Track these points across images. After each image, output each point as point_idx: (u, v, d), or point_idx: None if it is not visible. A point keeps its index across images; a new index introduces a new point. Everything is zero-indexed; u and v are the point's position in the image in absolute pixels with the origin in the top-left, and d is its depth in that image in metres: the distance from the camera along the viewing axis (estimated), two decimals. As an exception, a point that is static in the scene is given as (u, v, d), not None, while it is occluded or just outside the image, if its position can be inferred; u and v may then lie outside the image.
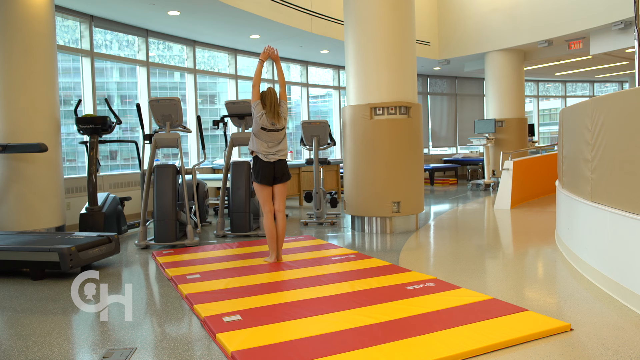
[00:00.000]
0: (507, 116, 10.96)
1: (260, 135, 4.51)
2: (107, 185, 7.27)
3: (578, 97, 16.16)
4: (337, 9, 8.91)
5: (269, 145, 4.52)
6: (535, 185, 8.85)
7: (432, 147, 14.16)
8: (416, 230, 6.22)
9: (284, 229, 4.63)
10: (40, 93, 5.62)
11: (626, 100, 3.32)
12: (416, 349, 2.51)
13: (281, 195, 4.62)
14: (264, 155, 4.50)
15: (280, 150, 4.55)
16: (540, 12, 9.91)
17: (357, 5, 6.13)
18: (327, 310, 3.14)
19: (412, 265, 4.42)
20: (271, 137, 4.52)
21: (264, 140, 4.51)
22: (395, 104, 5.96)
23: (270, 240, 4.58)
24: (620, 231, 3.25)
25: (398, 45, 6.05)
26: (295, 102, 11.76)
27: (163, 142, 5.63)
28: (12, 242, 4.42)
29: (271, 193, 4.61)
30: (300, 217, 7.67)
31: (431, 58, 11.61)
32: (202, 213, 6.95)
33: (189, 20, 7.80)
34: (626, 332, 2.71)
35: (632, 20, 7.39)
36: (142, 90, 8.23)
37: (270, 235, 4.56)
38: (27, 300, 3.63)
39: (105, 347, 2.72)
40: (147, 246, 5.51)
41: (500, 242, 5.65)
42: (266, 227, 4.56)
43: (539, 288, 3.72)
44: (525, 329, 2.70)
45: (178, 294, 3.72)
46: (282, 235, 4.62)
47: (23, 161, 5.50)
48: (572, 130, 4.47)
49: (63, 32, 7.12)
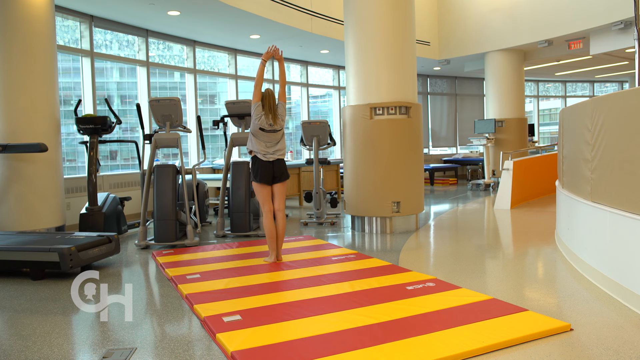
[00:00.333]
0: (507, 116, 10.96)
1: (258, 135, 4.52)
2: (107, 185, 7.27)
3: (578, 97, 16.16)
4: (337, 9, 8.91)
5: (267, 145, 4.54)
6: (535, 185, 8.85)
7: (432, 147, 14.16)
8: (416, 230, 6.22)
9: (284, 228, 4.63)
10: (40, 93, 5.63)
11: (626, 100, 3.31)
12: (416, 349, 2.51)
13: (280, 195, 4.63)
14: (263, 155, 4.52)
15: (278, 149, 4.57)
16: (540, 12, 9.91)
17: (357, 5, 6.13)
18: (327, 310, 3.14)
19: (412, 265, 4.42)
20: (269, 137, 4.53)
21: (262, 140, 4.53)
22: (395, 104, 5.96)
23: (270, 240, 4.58)
24: (620, 231, 3.25)
25: (398, 45, 6.05)
26: (295, 102, 11.76)
27: (163, 142, 5.63)
28: (12, 242, 4.42)
29: (270, 192, 4.62)
30: (300, 217, 7.67)
31: (431, 58, 11.61)
32: (202, 213, 6.95)
33: (189, 20, 7.80)
34: (626, 332, 2.71)
35: (632, 20, 7.39)
36: (142, 90, 8.23)
37: (270, 235, 4.57)
38: (27, 300, 3.63)
39: (105, 347, 2.72)
40: (147, 246, 5.51)
41: (500, 242, 5.65)
42: (266, 226, 4.56)
43: (539, 288, 3.72)
44: (525, 329, 2.70)
45: (178, 294, 3.72)
46: (281, 235, 4.62)
47: (23, 161, 5.50)
48: (572, 130, 4.47)
49: (63, 32, 7.12)
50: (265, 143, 4.53)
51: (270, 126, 4.50)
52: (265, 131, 4.50)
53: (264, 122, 4.48)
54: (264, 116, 4.48)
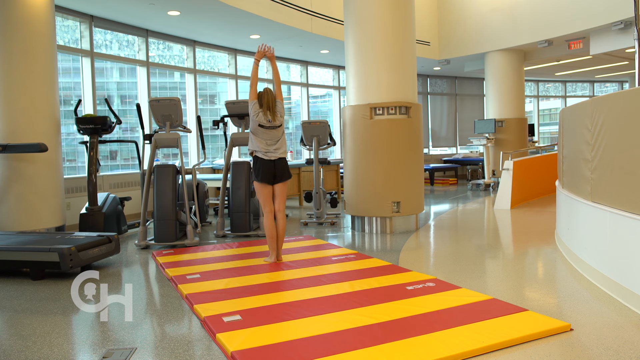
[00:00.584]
0: (507, 116, 10.96)
1: (258, 133, 4.52)
2: (107, 185, 7.27)
3: (578, 97, 16.16)
4: (337, 9, 8.91)
5: (268, 143, 4.53)
6: (535, 185, 8.85)
7: (432, 147, 14.16)
8: (416, 230, 6.22)
9: (284, 228, 4.63)
10: (40, 93, 5.62)
11: (626, 100, 3.31)
12: (416, 349, 2.51)
13: (281, 195, 4.62)
14: (264, 153, 4.51)
15: (279, 148, 4.57)
16: (540, 12, 9.91)
17: (357, 5, 6.13)
18: (327, 310, 3.14)
19: (412, 265, 4.42)
20: (269, 135, 4.53)
21: (262, 138, 4.52)
22: (395, 104, 5.96)
23: (270, 240, 4.58)
24: (620, 231, 3.25)
25: (398, 46, 6.05)
26: (295, 102, 11.76)
27: (163, 142, 5.63)
28: (12, 242, 4.42)
29: (271, 192, 4.60)
30: (300, 217, 7.66)
31: (431, 58, 11.61)
32: (202, 213, 6.95)
33: (189, 20, 7.80)
34: (626, 332, 2.71)
35: (632, 20, 7.39)
36: (142, 90, 8.23)
37: (270, 235, 4.56)
38: (27, 300, 3.63)
39: (105, 347, 2.72)
40: (147, 246, 5.51)
41: (500, 242, 5.65)
42: (266, 226, 4.56)
43: (539, 288, 3.72)
44: (525, 329, 2.70)
45: (178, 294, 3.72)
46: (282, 235, 4.62)
47: (23, 161, 5.50)
48: (572, 130, 4.47)
49: (63, 32, 7.12)
50: (266, 141, 4.53)
51: (269, 122, 4.50)
52: (265, 127, 4.50)
53: (262, 119, 4.48)
54: (262, 113, 4.48)
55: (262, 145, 4.52)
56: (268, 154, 4.52)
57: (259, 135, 4.53)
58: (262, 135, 4.52)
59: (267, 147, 4.53)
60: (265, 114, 4.48)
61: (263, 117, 4.48)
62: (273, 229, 4.57)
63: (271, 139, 4.55)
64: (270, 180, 4.55)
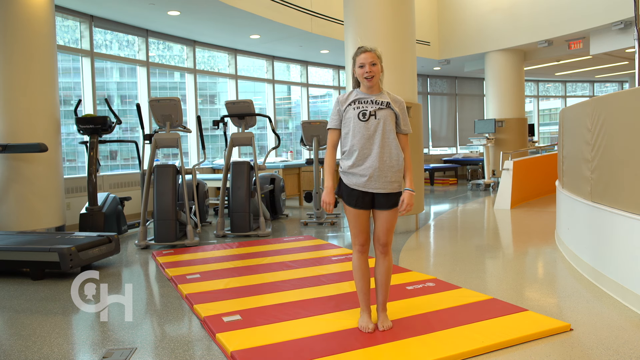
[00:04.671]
0: (507, 116, 10.96)
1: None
2: (107, 185, 7.27)
3: (578, 97, 16.16)
4: (337, 9, 8.91)
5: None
6: (535, 185, 8.85)
7: (432, 147, 14.16)
8: (416, 230, 6.22)
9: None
10: (41, 93, 5.63)
11: (626, 100, 3.31)
12: (416, 349, 2.51)
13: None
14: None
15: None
16: (540, 12, 9.91)
17: (357, 5, 6.13)
18: (327, 310, 3.14)
19: (412, 265, 4.41)
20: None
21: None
22: (395, 104, 5.95)
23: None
24: (620, 231, 3.25)
25: (398, 45, 6.05)
26: (295, 102, 11.76)
27: (163, 142, 5.63)
28: (12, 242, 4.42)
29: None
30: (300, 217, 7.66)
31: (431, 58, 11.61)
32: (202, 213, 6.94)
33: (189, 20, 7.80)
34: (626, 332, 2.71)
35: (632, 20, 7.38)
36: (142, 90, 8.23)
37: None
38: (27, 300, 3.63)
39: (105, 347, 2.72)
40: (147, 246, 5.51)
41: (500, 242, 5.65)
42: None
43: (539, 288, 3.72)
44: (525, 329, 2.70)
45: (178, 294, 3.72)
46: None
47: (23, 161, 5.50)
48: (572, 130, 4.47)
49: (63, 32, 7.12)
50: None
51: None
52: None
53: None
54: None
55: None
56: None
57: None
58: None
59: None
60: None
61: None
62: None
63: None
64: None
